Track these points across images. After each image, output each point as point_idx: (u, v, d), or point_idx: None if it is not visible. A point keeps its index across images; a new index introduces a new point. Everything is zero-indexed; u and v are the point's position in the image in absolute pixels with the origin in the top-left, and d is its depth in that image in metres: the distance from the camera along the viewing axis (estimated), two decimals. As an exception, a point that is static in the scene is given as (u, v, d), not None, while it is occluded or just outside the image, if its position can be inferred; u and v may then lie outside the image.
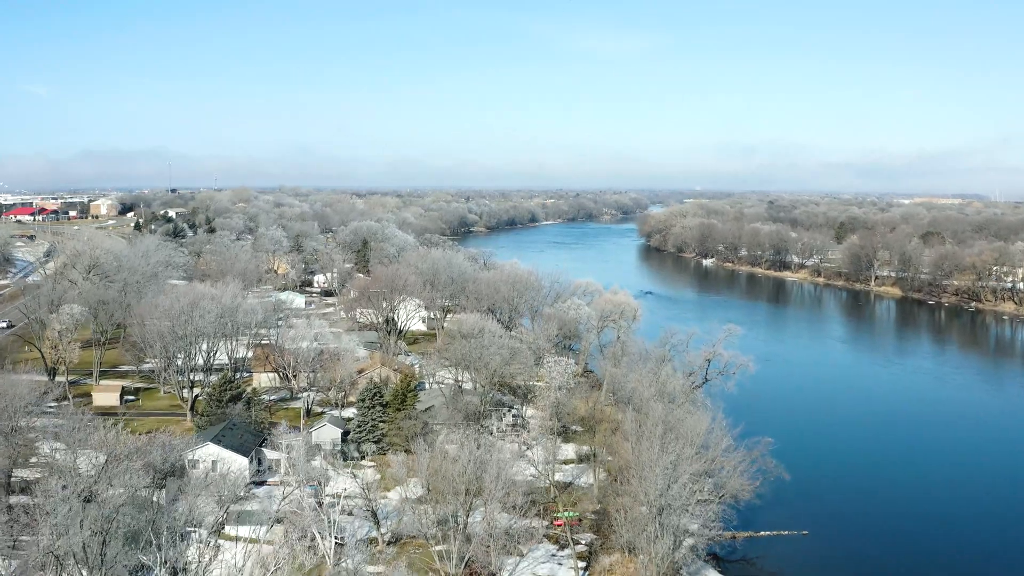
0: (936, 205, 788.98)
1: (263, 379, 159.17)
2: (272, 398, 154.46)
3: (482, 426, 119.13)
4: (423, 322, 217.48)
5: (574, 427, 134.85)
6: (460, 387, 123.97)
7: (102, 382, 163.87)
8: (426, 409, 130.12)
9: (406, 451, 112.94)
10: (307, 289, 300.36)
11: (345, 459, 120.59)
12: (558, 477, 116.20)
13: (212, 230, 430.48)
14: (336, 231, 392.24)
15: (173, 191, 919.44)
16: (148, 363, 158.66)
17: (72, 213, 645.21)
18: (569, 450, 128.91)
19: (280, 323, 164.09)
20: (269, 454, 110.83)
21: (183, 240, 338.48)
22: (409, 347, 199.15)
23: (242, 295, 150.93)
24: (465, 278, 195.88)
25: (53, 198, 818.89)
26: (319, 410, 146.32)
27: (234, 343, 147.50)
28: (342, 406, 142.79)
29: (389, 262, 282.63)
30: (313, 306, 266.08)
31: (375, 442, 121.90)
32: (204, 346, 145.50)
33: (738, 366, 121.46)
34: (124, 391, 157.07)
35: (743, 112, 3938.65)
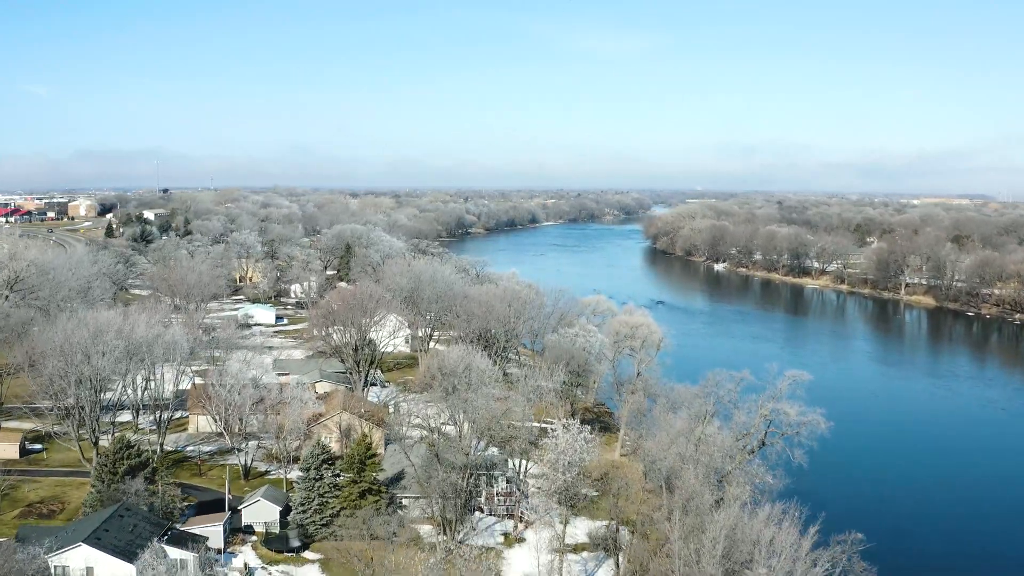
0: (953, 206, 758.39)
1: (201, 423, 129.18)
2: (209, 449, 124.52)
3: (461, 530, 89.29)
4: (406, 342, 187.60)
5: (586, 491, 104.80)
6: (437, 455, 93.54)
7: (5, 424, 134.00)
8: (394, 478, 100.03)
9: (366, 538, 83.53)
10: (283, 300, 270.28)
11: (281, 550, 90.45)
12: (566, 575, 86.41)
13: (188, 233, 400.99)
14: (322, 234, 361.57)
15: (165, 191, 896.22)
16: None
17: (50, 214, 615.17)
18: (580, 528, 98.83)
19: (220, 352, 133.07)
20: (173, 552, 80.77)
21: (149, 245, 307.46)
22: (387, 375, 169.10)
23: (163, 323, 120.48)
24: (453, 294, 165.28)
25: (38, 198, 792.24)
26: (262, 468, 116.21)
27: (156, 381, 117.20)
28: (290, 463, 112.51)
29: (372, 270, 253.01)
30: (285, 321, 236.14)
31: (323, 525, 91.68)
32: (125, 383, 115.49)
33: (803, 424, 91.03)
34: (27, 438, 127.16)
35: (744, 112, 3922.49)
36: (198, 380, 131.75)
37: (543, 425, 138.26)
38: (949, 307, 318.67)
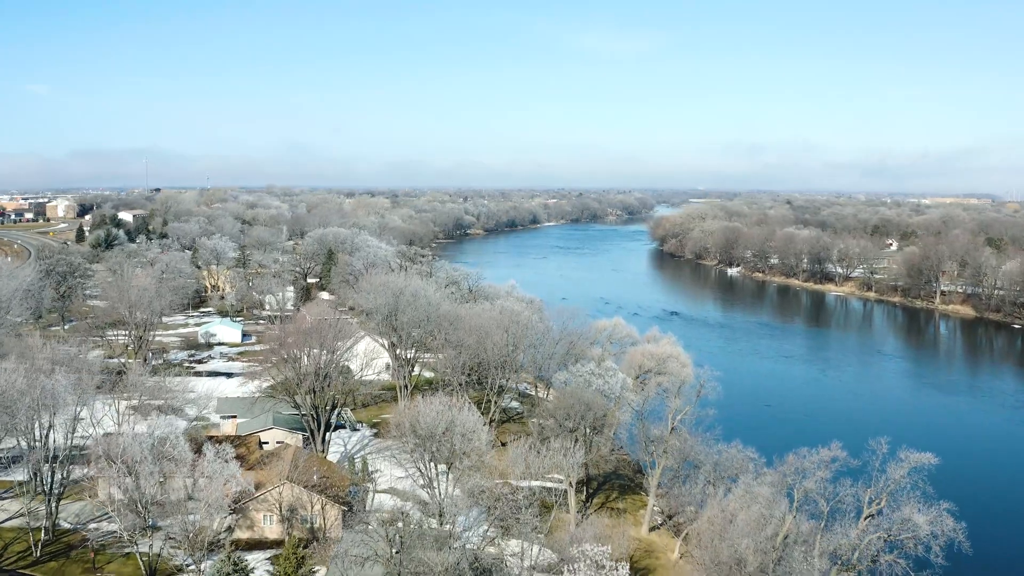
0: (971, 206, 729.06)
1: (114, 492, 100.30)
2: (114, 529, 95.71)
3: None
4: (386, 368, 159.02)
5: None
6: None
7: None
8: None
9: None
10: (255, 313, 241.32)
11: None
12: None
13: (164, 236, 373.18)
14: (304, 238, 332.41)
15: (156, 191, 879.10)
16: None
17: (28, 215, 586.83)
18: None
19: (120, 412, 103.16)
20: None
21: (109, 251, 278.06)
22: (361, 414, 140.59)
23: (51, 366, 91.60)
24: (439, 316, 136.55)
25: (24, 198, 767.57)
26: (178, 559, 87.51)
27: (37, 440, 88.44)
28: (207, 551, 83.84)
29: (355, 280, 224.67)
30: (253, 339, 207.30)
31: None
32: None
33: (927, 533, 61.79)
34: None
35: (747, 111, 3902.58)
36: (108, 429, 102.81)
37: (549, 485, 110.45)
38: (990, 318, 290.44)
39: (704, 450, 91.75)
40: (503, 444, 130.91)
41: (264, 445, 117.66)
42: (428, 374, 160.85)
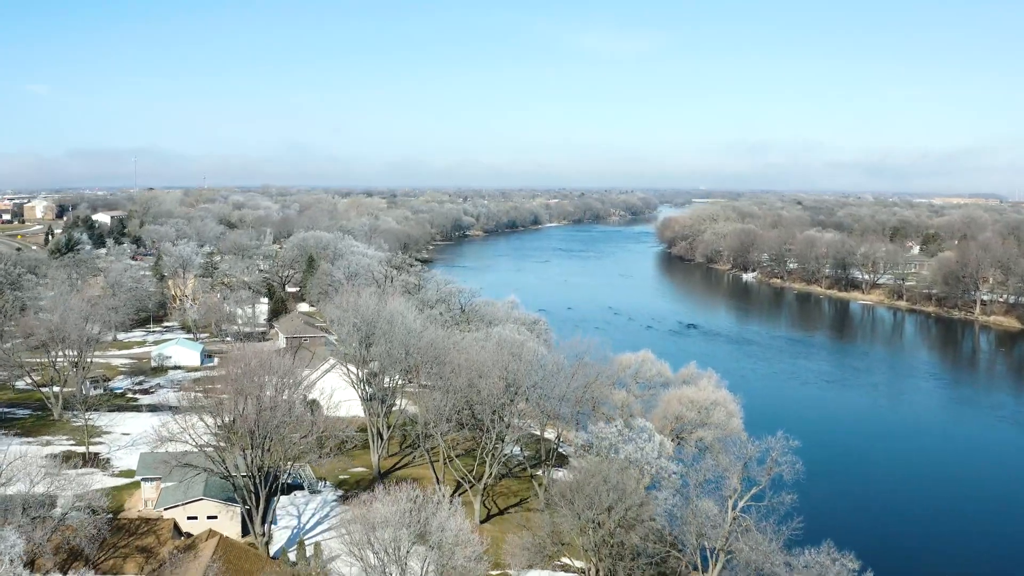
0: (990, 207, 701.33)
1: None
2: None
3: None
4: (360, 403, 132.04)
5: None
6: None
7: None
8: None
9: None
10: (223, 329, 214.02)
11: None
12: None
13: (138, 240, 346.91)
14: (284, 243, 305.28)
15: (149, 190, 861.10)
16: None
17: (6, 216, 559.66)
18: None
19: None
20: None
21: (64, 257, 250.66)
22: (323, 468, 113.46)
23: None
24: (420, 348, 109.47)
25: (10, 199, 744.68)
26: None
27: None
28: None
29: (334, 292, 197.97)
30: (215, 361, 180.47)
31: None
32: None
33: None
34: None
35: (749, 111, 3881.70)
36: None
37: (560, 575, 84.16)
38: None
39: (783, 559, 64.89)
40: (500, 511, 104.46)
41: (192, 520, 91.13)
42: (413, 408, 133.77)
